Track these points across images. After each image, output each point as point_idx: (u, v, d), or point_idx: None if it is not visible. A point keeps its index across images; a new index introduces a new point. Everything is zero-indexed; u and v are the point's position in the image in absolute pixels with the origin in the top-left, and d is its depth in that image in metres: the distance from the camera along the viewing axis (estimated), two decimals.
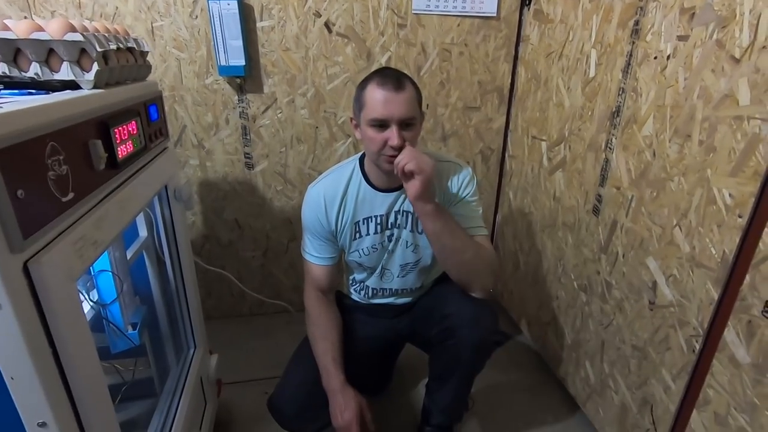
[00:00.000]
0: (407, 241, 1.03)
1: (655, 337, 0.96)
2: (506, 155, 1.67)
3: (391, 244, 1.03)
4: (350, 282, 1.16)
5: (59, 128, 0.49)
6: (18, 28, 0.60)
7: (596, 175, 1.13)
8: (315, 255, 1.04)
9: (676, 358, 0.90)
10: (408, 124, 0.87)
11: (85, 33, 0.64)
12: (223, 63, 1.32)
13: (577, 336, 1.26)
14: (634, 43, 0.98)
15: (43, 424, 0.47)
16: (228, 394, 1.31)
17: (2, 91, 0.53)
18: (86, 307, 0.70)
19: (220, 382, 1.27)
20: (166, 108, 1.39)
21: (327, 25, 1.39)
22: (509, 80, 1.56)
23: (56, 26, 0.61)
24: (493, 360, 1.03)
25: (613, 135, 1.06)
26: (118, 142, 0.63)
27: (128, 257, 0.86)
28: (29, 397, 0.45)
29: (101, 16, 1.27)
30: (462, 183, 1.00)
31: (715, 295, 0.80)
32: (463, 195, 1.00)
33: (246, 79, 1.40)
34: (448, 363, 1.01)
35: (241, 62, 1.32)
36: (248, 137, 1.48)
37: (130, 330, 0.78)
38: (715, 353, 0.80)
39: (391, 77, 0.86)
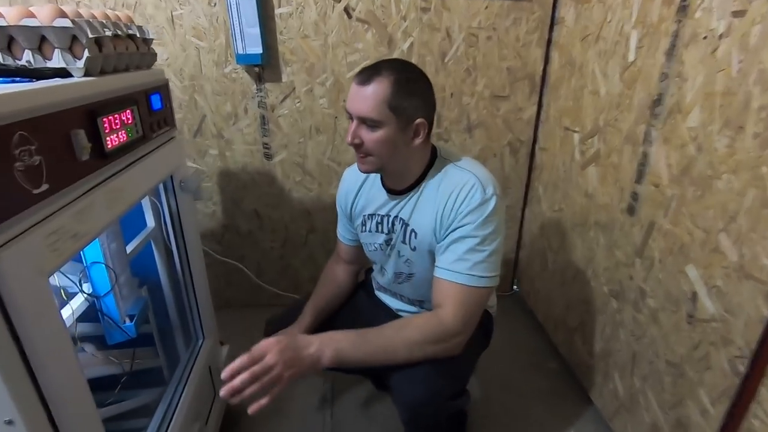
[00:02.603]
0: (399, 252, 0.94)
1: (693, 354, 0.86)
2: (536, 147, 1.56)
3: (389, 249, 0.96)
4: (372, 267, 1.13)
5: (30, 117, 0.47)
6: (9, 15, 0.59)
7: (633, 170, 1.02)
8: (340, 231, 1.08)
9: (717, 380, 0.80)
10: (371, 125, 0.78)
11: (77, 19, 0.62)
12: (240, 51, 1.30)
13: (607, 345, 1.16)
14: (680, 21, 0.86)
15: (10, 422, 0.45)
16: None
17: None
18: (80, 298, 0.70)
19: None
20: (186, 97, 1.39)
21: (347, 11, 1.34)
22: (541, 66, 1.45)
23: (46, 12, 0.60)
24: (512, 359, 0.93)
25: (653, 126, 0.95)
26: (107, 131, 0.61)
27: (133, 247, 0.86)
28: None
29: (123, 5, 1.28)
30: (465, 209, 0.79)
31: (766, 312, 0.69)
32: (461, 224, 0.79)
33: (264, 67, 1.37)
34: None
35: (258, 50, 1.30)
36: (267, 127, 1.46)
37: (127, 322, 0.77)
38: (763, 378, 0.70)
39: (368, 69, 0.78)
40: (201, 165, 1.49)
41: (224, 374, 0.67)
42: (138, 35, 0.78)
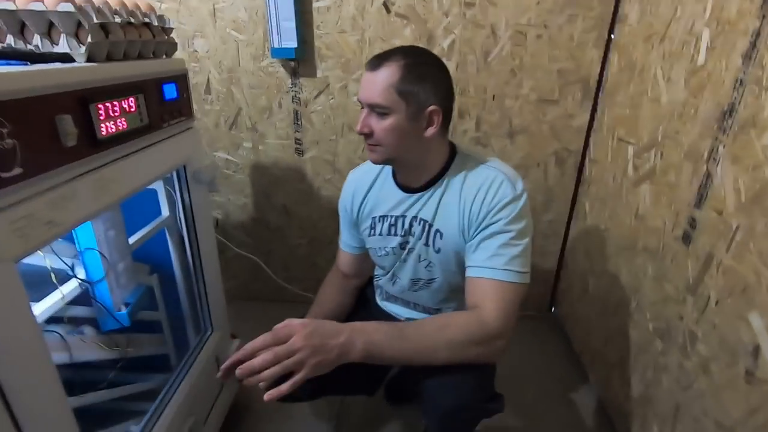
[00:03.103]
0: (420, 255, 0.87)
1: (750, 420, 0.71)
2: (587, 159, 1.41)
3: (404, 253, 0.89)
4: (375, 275, 1.06)
5: (3, 99, 0.46)
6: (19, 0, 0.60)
7: (692, 192, 0.87)
8: (343, 239, 1.03)
9: None
10: (380, 113, 0.74)
11: (83, 5, 0.62)
12: (276, 45, 1.29)
13: (647, 390, 1.01)
14: (765, 17, 0.71)
15: None
16: None
17: None
18: (73, 283, 0.71)
19: None
20: (224, 89, 1.41)
21: (386, 5, 1.28)
22: (598, 69, 1.30)
23: None
24: (542, 389, 0.84)
25: (720, 142, 0.80)
26: (102, 118, 0.61)
27: (142, 235, 0.86)
28: None
29: None
30: (496, 204, 0.76)
31: None
32: (493, 221, 0.76)
33: (299, 62, 1.35)
34: (427, 423, 0.84)
35: (293, 44, 1.28)
36: (299, 122, 1.44)
37: (123, 309, 0.77)
38: None
39: (379, 55, 0.74)
40: (234, 157, 1.51)
41: (242, 352, 0.62)
42: (156, 24, 0.78)
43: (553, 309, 1.68)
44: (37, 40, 0.63)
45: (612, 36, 1.25)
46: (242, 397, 1.26)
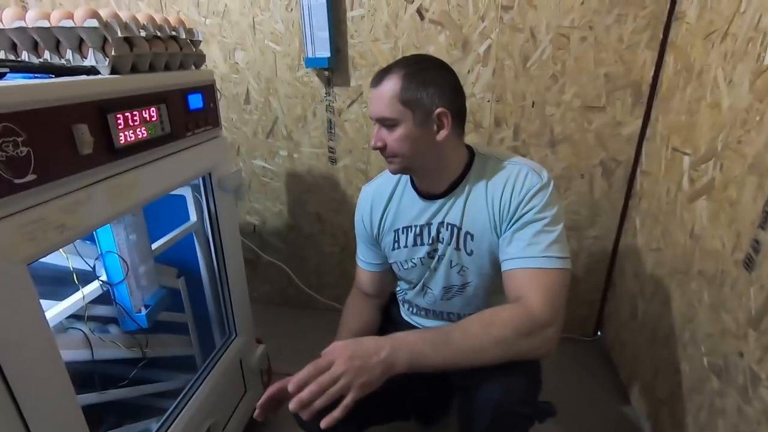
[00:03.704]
0: (451, 261, 0.84)
1: None
2: (638, 170, 1.29)
3: (434, 261, 0.86)
4: (398, 290, 1.03)
5: (18, 110, 0.49)
6: (54, 17, 0.65)
7: (756, 210, 0.76)
8: (361, 258, 1.00)
9: None
10: (389, 125, 0.75)
11: (109, 20, 0.65)
12: (310, 55, 1.31)
13: None
14: None
15: None
16: None
17: (8, 74, 0.56)
18: (95, 284, 0.74)
19: (269, 372, 1.28)
20: (261, 99, 1.45)
21: (419, 12, 1.26)
22: (651, 72, 1.19)
23: (80, 13, 0.64)
24: (584, 422, 0.77)
25: None
26: (121, 127, 0.63)
27: (167, 239, 0.89)
28: None
29: (214, 13, 1.38)
30: (525, 194, 0.75)
31: None
32: (525, 211, 0.75)
33: (334, 71, 1.36)
34: (466, 421, 0.80)
35: (326, 54, 1.29)
36: (333, 131, 1.45)
37: (143, 311, 0.80)
38: None
39: (381, 71, 0.76)
40: (271, 165, 1.55)
41: (291, 386, 0.62)
42: (184, 37, 0.81)
43: (599, 333, 1.54)
44: (69, 54, 0.67)
45: (667, 36, 1.14)
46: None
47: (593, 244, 1.43)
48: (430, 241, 0.85)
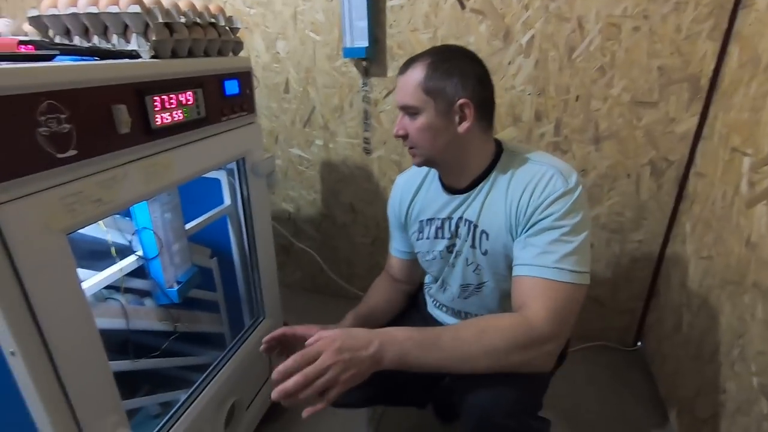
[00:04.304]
0: (467, 258, 0.82)
1: None
2: (691, 171, 1.20)
3: (452, 257, 0.85)
4: (425, 282, 1.02)
5: (63, 89, 0.52)
6: (102, 2, 0.68)
7: None
8: (393, 244, 1.01)
9: None
10: (411, 113, 0.74)
11: (151, 7, 0.68)
12: (348, 45, 1.31)
13: None
14: None
15: (12, 353, 0.52)
16: None
17: (58, 57, 0.60)
18: (131, 258, 0.78)
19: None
20: (300, 89, 1.48)
21: (460, 1, 1.22)
22: (712, 66, 1.09)
23: (125, 0, 0.67)
24: None
25: None
26: (158, 109, 0.66)
27: (200, 221, 0.93)
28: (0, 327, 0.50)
29: (258, 3, 1.41)
30: (545, 198, 0.70)
31: None
32: (543, 216, 0.70)
33: (371, 62, 1.36)
34: (460, 421, 0.78)
35: (364, 44, 1.29)
36: (369, 122, 1.45)
37: (175, 286, 0.84)
38: None
39: (409, 59, 0.75)
40: (307, 154, 1.57)
41: (275, 375, 0.62)
42: (222, 24, 0.83)
43: (638, 343, 1.45)
44: (114, 39, 0.71)
45: (732, 25, 1.04)
46: None
47: (637, 249, 1.34)
48: (449, 236, 0.84)
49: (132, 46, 0.70)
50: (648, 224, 1.30)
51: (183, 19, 0.73)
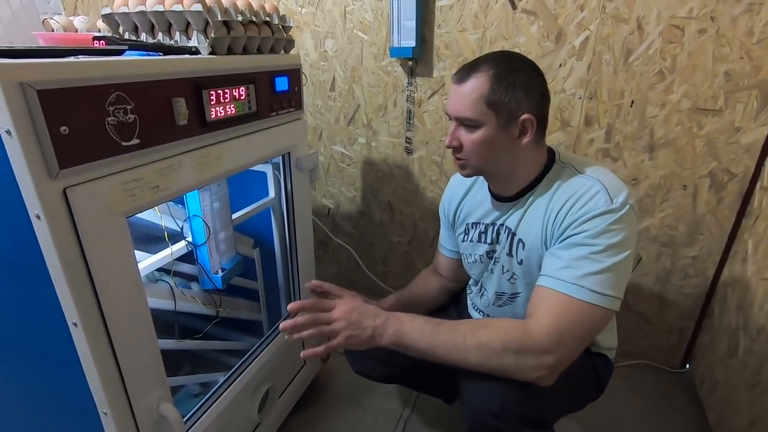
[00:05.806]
0: (504, 266, 0.82)
1: None
2: (757, 186, 1.11)
3: (491, 262, 0.84)
4: (468, 284, 1.02)
5: (129, 81, 0.56)
6: (167, 2, 0.73)
7: None
8: (441, 241, 1.03)
9: None
10: (469, 126, 0.71)
11: (211, 5, 0.72)
12: (395, 44, 1.32)
13: None
14: None
15: (75, 324, 0.56)
16: (339, 363, 1.34)
17: (127, 52, 0.64)
18: (182, 243, 0.83)
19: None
20: (346, 87, 1.50)
21: (512, 1, 1.20)
22: None
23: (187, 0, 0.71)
24: None
25: None
26: (213, 103, 0.69)
27: (245, 212, 0.96)
28: (64, 299, 0.55)
29: (309, 2, 1.44)
30: (583, 215, 0.67)
31: None
32: (575, 232, 0.67)
33: (418, 61, 1.36)
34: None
35: (411, 43, 1.29)
36: (411, 122, 1.45)
37: (219, 273, 0.88)
38: None
39: (467, 66, 0.72)
40: (349, 151, 1.60)
41: (291, 306, 0.71)
42: (276, 22, 0.86)
43: (687, 366, 1.37)
44: (177, 36, 0.75)
45: None
46: (323, 376, 1.33)
47: (690, 265, 1.26)
48: (490, 241, 0.83)
49: (192, 42, 0.74)
50: (704, 240, 1.22)
51: (240, 18, 0.76)
